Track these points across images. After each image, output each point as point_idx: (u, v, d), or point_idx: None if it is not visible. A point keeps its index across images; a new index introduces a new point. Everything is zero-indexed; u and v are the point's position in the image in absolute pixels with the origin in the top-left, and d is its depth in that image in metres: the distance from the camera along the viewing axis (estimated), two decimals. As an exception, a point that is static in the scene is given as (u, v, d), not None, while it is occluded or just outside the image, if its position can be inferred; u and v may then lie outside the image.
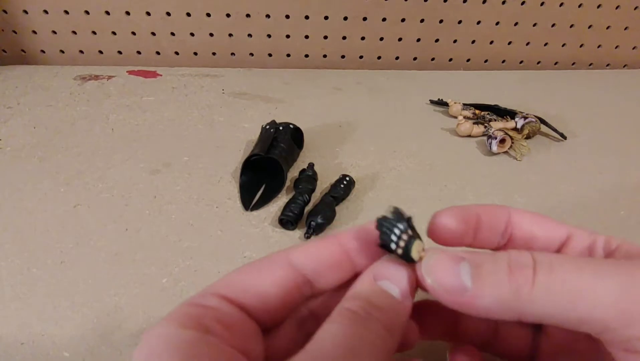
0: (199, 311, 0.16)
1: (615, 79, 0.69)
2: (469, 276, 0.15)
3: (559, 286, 0.14)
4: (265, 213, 0.37)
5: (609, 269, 0.14)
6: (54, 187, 0.39)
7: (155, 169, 0.42)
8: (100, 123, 0.50)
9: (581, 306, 0.14)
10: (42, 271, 0.31)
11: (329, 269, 0.18)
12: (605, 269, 0.14)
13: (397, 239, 0.16)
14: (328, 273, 0.18)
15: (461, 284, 0.15)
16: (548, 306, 0.14)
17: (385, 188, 0.41)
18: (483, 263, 0.15)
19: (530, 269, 0.14)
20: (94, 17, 0.62)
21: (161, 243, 0.34)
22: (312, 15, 0.64)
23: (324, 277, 0.18)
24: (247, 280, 0.17)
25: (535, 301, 0.14)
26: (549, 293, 0.14)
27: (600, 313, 0.14)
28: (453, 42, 0.69)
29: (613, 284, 0.14)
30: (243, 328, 0.17)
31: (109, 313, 0.28)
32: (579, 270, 0.14)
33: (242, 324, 0.17)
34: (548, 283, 0.14)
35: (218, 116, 0.52)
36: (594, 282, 0.14)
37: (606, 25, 0.69)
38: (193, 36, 0.65)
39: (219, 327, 0.16)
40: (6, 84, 0.58)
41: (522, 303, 0.14)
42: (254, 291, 0.17)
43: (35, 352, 0.26)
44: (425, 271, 0.16)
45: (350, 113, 0.54)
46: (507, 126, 0.50)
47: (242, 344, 0.16)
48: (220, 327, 0.16)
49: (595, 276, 0.14)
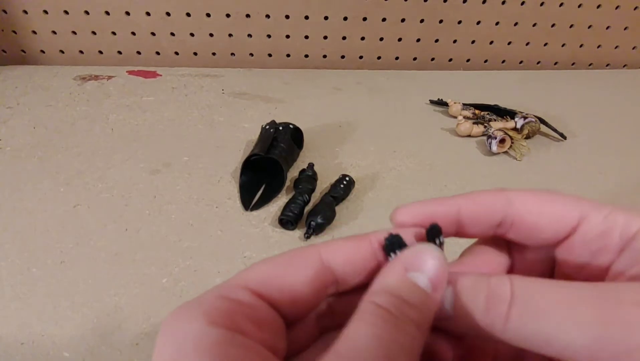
0: (230, 307, 0.15)
1: (615, 79, 0.69)
2: (450, 303, 0.16)
3: (530, 326, 0.14)
4: (265, 213, 0.37)
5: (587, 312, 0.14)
6: (54, 187, 0.39)
7: (155, 169, 0.42)
8: (100, 123, 0.50)
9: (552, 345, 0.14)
10: (42, 271, 0.31)
11: (359, 270, 0.18)
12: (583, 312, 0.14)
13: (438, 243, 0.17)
14: (357, 273, 0.18)
15: (444, 310, 0.16)
16: (521, 340, 0.15)
17: (385, 188, 0.41)
18: (463, 292, 0.16)
19: (506, 304, 0.14)
20: (94, 18, 0.62)
21: (161, 243, 0.34)
22: (312, 15, 0.64)
23: (352, 277, 0.18)
24: (279, 275, 0.17)
25: (508, 335, 0.15)
26: (520, 330, 0.14)
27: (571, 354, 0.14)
28: (453, 42, 0.69)
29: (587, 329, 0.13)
30: (272, 325, 0.16)
31: (109, 313, 0.28)
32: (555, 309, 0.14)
33: (272, 321, 0.16)
34: (520, 321, 0.14)
35: (218, 116, 0.52)
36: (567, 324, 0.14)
37: (606, 25, 0.69)
38: (193, 36, 0.65)
39: (251, 325, 0.15)
40: (6, 84, 0.58)
41: (496, 334, 0.15)
42: (286, 288, 0.17)
43: (35, 352, 0.26)
44: None
45: (350, 113, 0.54)
46: (507, 126, 0.50)
47: (271, 341, 0.16)
48: (251, 325, 0.15)
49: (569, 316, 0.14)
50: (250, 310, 0.16)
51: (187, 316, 0.15)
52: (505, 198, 0.18)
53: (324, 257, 0.17)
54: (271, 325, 0.16)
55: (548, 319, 0.14)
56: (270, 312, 0.16)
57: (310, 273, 0.17)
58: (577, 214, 0.17)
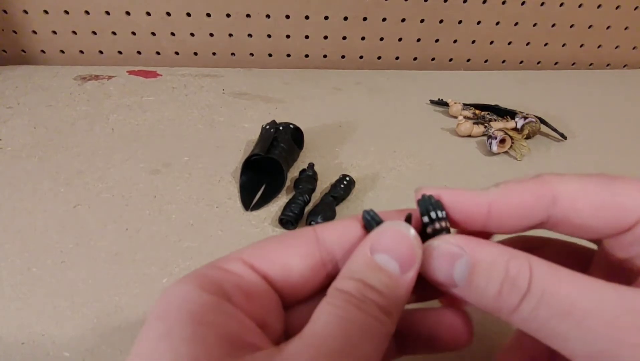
0: (221, 275, 0.15)
1: (615, 79, 0.69)
2: (462, 276, 0.15)
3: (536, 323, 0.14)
4: (265, 213, 0.37)
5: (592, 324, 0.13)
6: (54, 187, 0.39)
7: (155, 169, 0.42)
8: (100, 123, 0.50)
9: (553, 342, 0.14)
10: (42, 271, 0.31)
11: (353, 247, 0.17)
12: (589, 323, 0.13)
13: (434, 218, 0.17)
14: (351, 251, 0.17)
15: (451, 280, 0.15)
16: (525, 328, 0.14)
17: (385, 188, 0.41)
18: (478, 267, 0.15)
19: (520, 295, 0.14)
20: (94, 17, 0.62)
21: (161, 243, 0.34)
22: (312, 15, 0.64)
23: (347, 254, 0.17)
24: (273, 251, 0.17)
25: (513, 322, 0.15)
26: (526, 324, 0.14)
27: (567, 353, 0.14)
28: (453, 42, 0.69)
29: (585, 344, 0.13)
30: (264, 300, 0.16)
31: (109, 313, 0.28)
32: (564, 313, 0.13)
33: (264, 295, 0.16)
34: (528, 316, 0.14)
35: (218, 116, 0.52)
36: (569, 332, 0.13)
37: (606, 25, 0.69)
38: (193, 36, 0.65)
39: (240, 295, 0.15)
40: (6, 84, 0.58)
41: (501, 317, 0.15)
42: (280, 263, 0.16)
43: (35, 352, 0.26)
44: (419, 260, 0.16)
45: (350, 113, 0.54)
46: (507, 126, 0.50)
47: (261, 316, 0.15)
48: (240, 295, 0.15)
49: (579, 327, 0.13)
50: (241, 280, 0.16)
51: (180, 280, 0.16)
52: (549, 196, 0.15)
53: (320, 235, 0.17)
54: (263, 299, 0.16)
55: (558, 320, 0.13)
56: (263, 286, 0.16)
57: (305, 250, 0.17)
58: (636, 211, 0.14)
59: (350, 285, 0.15)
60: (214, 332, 0.14)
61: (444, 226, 0.17)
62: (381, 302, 0.14)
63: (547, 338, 0.14)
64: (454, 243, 0.15)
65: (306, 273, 0.17)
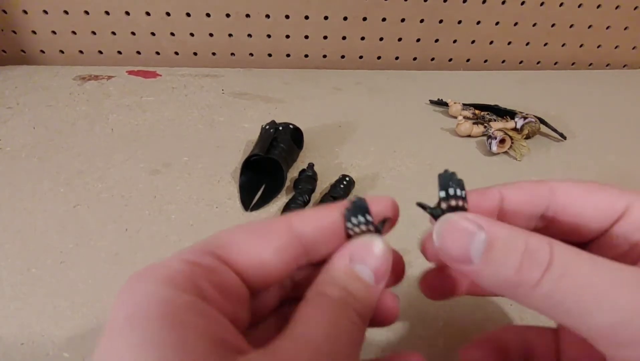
0: (194, 271, 0.15)
1: (615, 79, 0.69)
2: (479, 253, 0.14)
3: (558, 297, 0.14)
4: (265, 214, 0.37)
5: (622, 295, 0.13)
6: (54, 187, 0.39)
7: (155, 169, 0.42)
8: (100, 123, 0.50)
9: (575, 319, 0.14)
10: (42, 271, 0.31)
11: (328, 237, 0.17)
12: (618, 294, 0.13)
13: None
14: (326, 242, 0.17)
15: (468, 256, 0.15)
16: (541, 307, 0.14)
17: (385, 188, 0.41)
18: (497, 244, 0.14)
19: (541, 269, 0.14)
20: (93, 17, 0.62)
21: (161, 243, 0.34)
22: (312, 15, 0.64)
23: (321, 246, 0.17)
24: (246, 243, 0.16)
25: (532, 300, 0.14)
26: (546, 299, 0.14)
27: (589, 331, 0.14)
28: (453, 42, 0.69)
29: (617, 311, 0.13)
30: (236, 294, 0.15)
31: (109, 313, 0.28)
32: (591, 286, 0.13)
33: (236, 289, 0.16)
34: (549, 291, 0.14)
35: (218, 116, 0.52)
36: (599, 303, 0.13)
37: (606, 25, 0.69)
38: (193, 36, 0.65)
39: (213, 291, 0.15)
40: (6, 84, 0.58)
41: (518, 296, 0.14)
42: (253, 257, 0.16)
43: (35, 352, 0.26)
44: (436, 233, 0.16)
45: (350, 113, 0.54)
46: (506, 126, 0.50)
47: (232, 310, 0.15)
48: (214, 292, 0.15)
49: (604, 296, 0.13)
50: (215, 276, 0.15)
51: (148, 277, 0.14)
52: (549, 188, 0.17)
53: (295, 225, 0.17)
54: (235, 293, 0.15)
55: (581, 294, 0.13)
56: (235, 281, 0.16)
57: (279, 243, 0.16)
58: (622, 203, 0.16)
59: (335, 292, 0.15)
60: (197, 335, 0.13)
61: (461, 205, 0.16)
62: (359, 309, 0.15)
63: (564, 313, 0.14)
64: (471, 219, 0.15)
65: (279, 266, 0.16)
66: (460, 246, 0.15)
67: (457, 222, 0.15)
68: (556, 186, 0.17)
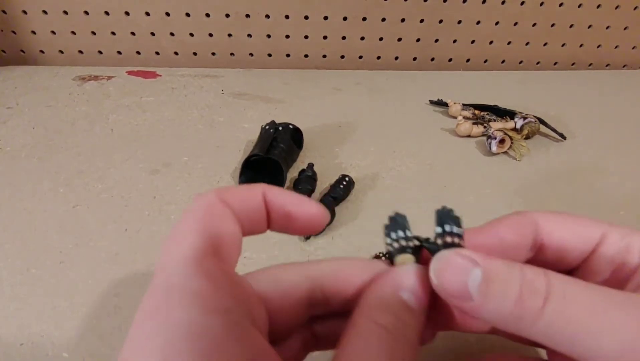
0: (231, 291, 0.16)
1: (614, 79, 0.69)
2: (477, 288, 0.15)
3: (563, 324, 0.14)
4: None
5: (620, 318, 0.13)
6: (54, 187, 0.39)
7: (155, 169, 0.42)
8: (100, 123, 0.50)
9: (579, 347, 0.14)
10: (42, 272, 0.31)
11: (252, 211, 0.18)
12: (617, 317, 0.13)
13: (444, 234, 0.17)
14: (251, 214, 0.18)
15: (466, 292, 0.15)
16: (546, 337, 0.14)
17: (385, 188, 0.41)
18: (495, 277, 0.15)
19: (542, 298, 0.14)
20: (93, 18, 0.62)
21: (161, 243, 0.34)
22: (311, 15, 0.64)
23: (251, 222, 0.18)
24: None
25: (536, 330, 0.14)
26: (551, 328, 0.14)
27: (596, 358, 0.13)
28: (453, 42, 0.69)
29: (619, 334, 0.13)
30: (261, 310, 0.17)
31: (109, 313, 0.28)
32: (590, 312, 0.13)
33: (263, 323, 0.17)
34: (553, 319, 0.14)
35: (218, 116, 0.52)
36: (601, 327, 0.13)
37: (606, 25, 0.69)
38: (193, 36, 0.65)
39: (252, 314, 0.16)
40: (6, 84, 0.58)
41: (522, 328, 0.14)
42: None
43: (34, 352, 0.26)
44: (433, 271, 0.16)
45: (350, 113, 0.54)
46: (506, 126, 0.50)
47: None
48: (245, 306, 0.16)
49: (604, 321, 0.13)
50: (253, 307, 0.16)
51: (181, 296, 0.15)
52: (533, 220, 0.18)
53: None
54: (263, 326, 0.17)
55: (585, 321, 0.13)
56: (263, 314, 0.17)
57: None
58: (599, 231, 0.17)
59: (387, 319, 0.16)
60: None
61: (456, 243, 0.16)
62: (410, 336, 0.16)
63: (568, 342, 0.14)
64: (466, 255, 0.15)
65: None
66: (457, 283, 0.15)
67: (452, 259, 0.15)
68: (537, 217, 0.18)
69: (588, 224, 0.18)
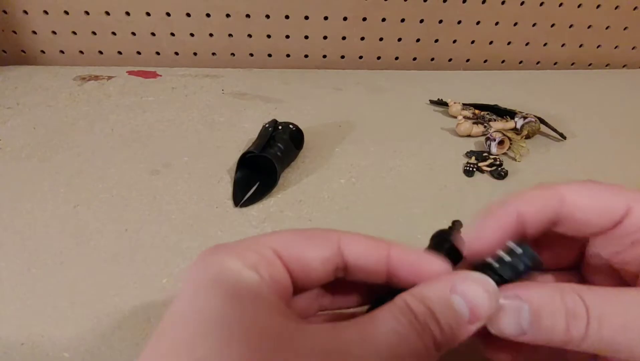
0: (258, 259, 0.17)
1: (614, 79, 0.69)
2: (528, 323, 0.16)
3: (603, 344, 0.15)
4: (264, 214, 0.37)
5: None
6: (54, 187, 0.39)
7: (155, 169, 0.42)
8: (100, 123, 0.50)
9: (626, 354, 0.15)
10: (42, 272, 0.31)
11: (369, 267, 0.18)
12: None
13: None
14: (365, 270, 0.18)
15: (521, 330, 0.16)
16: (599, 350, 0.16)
17: (385, 188, 0.41)
18: (542, 312, 0.16)
19: (584, 325, 0.15)
20: (93, 18, 0.62)
21: (161, 243, 0.34)
22: (312, 15, 0.64)
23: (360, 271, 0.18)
24: (300, 246, 0.18)
25: (585, 347, 0.16)
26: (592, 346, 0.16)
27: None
28: (452, 43, 0.69)
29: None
30: (284, 288, 0.17)
31: (109, 313, 0.28)
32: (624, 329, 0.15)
33: (285, 283, 0.17)
34: (594, 340, 0.15)
35: (218, 116, 0.52)
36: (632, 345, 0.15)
37: (605, 25, 0.69)
38: (193, 36, 0.65)
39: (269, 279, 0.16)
40: (6, 84, 0.58)
41: (574, 348, 0.16)
42: (303, 259, 0.18)
43: (35, 352, 0.26)
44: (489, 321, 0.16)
45: (350, 113, 0.54)
46: (506, 126, 0.50)
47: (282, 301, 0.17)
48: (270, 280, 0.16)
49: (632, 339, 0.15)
50: (271, 267, 0.17)
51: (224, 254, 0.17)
52: (558, 196, 0.18)
53: (342, 244, 0.18)
54: (284, 287, 0.17)
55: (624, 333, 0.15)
56: (285, 276, 0.17)
57: (326, 254, 0.18)
58: (624, 206, 0.18)
59: (419, 308, 0.16)
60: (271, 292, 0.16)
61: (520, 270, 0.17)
62: (439, 337, 0.15)
63: (614, 352, 0.15)
64: (513, 296, 0.16)
65: (322, 274, 0.18)
66: (515, 325, 0.16)
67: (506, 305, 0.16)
68: (564, 191, 0.18)
69: (614, 195, 0.18)
